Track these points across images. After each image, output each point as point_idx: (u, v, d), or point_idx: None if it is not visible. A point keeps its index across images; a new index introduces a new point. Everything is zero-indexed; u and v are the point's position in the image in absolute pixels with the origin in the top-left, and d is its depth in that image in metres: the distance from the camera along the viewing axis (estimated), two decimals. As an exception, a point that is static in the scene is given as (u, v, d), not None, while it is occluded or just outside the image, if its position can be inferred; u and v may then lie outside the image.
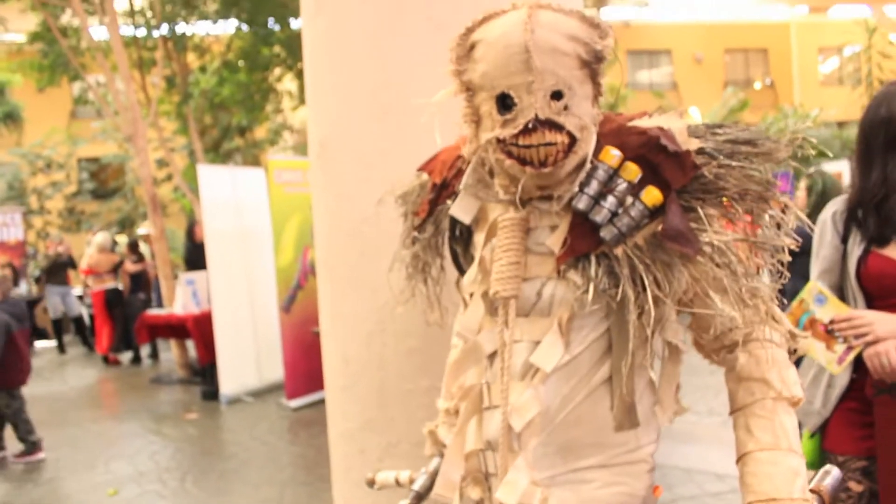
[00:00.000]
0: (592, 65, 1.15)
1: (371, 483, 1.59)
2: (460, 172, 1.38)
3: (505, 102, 1.15)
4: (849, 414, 1.98)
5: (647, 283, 1.12)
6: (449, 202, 1.40)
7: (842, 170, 8.78)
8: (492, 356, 1.28)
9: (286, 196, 6.99)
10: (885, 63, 18.86)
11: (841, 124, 19.48)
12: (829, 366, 1.95)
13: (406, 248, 1.58)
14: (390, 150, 1.93)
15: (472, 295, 1.33)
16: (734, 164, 1.16)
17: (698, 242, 1.12)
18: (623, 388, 1.19)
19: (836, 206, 2.07)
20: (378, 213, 1.82)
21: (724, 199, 1.15)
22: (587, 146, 1.17)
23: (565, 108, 1.13)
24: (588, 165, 1.18)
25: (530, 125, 1.12)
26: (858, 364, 1.92)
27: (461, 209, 1.34)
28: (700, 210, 1.14)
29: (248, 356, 7.64)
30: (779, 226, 1.18)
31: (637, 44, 23.68)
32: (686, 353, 1.27)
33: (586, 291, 1.15)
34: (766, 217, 1.17)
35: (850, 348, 1.91)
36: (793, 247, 1.17)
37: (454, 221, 1.39)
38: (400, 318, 1.89)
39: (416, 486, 1.50)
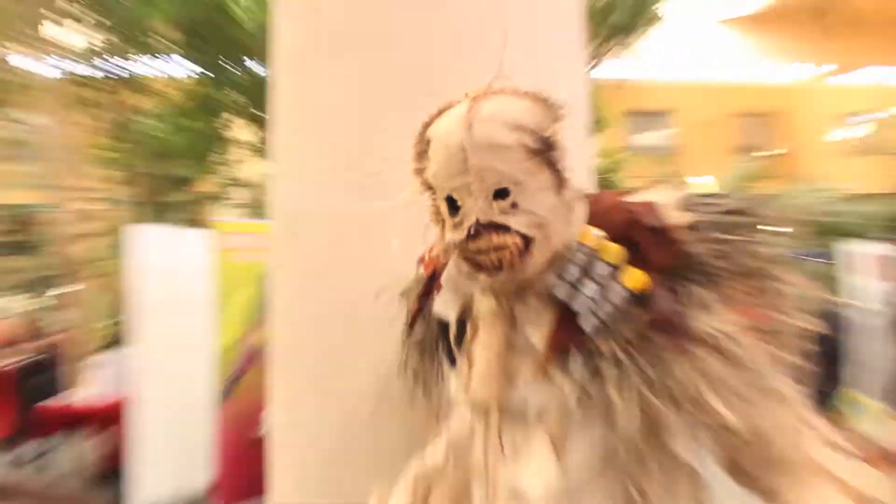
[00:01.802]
0: (545, 152, 1.19)
1: None
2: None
3: (453, 205, 1.22)
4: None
5: (636, 385, 1.13)
6: (436, 294, 1.43)
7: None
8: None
9: (234, 265, 6.92)
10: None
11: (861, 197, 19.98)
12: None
13: (401, 352, 1.60)
14: (372, 228, 1.91)
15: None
16: (732, 238, 1.19)
17: (691, 331, 1.13)
18: None
19: None
20: (354, 303, 1.82)
21: (721, 279, 1.17)
22: (548, 243, 1.20)
23: (513, 205, 1.18)
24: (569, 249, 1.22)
25: (472, 231, 1.18)
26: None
27: (444, 304, 1.38)
28: (694, 294, 1.16)
29: (171, 452, 7.41)
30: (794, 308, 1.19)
31: (638, 104, 24.38)
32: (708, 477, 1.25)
33: (573, 392, 1.17)
34: (777, 299, 1.19)
35: None
36: (816, 331, 1.18)
37: (445, 323, 1.42)
38: (370, 435, 1.84)
39: None
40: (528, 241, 1.18)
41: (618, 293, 1.16)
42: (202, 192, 15.60)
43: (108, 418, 7.48)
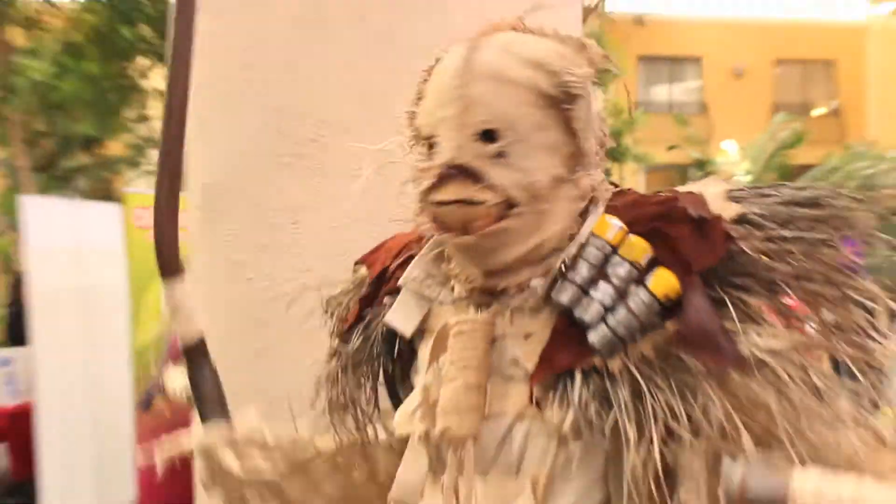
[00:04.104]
0: (561, 104, 1.13)
1: None
2: (409, 260, 1.34)
3: (431, 147, 1.18)
4: None
5: (655, 411, 1.05)
6: (386, 301, 1.36)
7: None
8: None
9: (150, 245, 6.94)
10: None
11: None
12: None
13: (326, 368, 1.47)
14: (306, 205, 1.95)
15: (407, 440, 1.28)
16: (790, 234, 1.11)
17: (735, 350, 1.06)
18: None
19: None
20: (285, 293, 1.76)
21: (776, 286, 1.10)
22: (539, 219, 1.15)
23: (500, 154, 1.12)
24: (577, 242, 1.15)
25: (442, 171, 1.13)
26: None
27: (400, 315, 1.30)
28: (739, 303, 1.09)
29: (84, 467, 7.45)
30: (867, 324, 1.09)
31: (655, 47, 24.21)
32: None
33: (568, 427, 1.10)
34: (843, 311, 1.09)
35: None
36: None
37: (391, 333, 1.34)
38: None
39: None
40: (511, 205, 1.12)
41: (640, 299, 1.08)
42: (111, 155, 15.45)
43: (9, 426, 7.47)
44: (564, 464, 1.13)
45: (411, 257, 1.33)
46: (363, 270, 1.47)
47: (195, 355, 1.52)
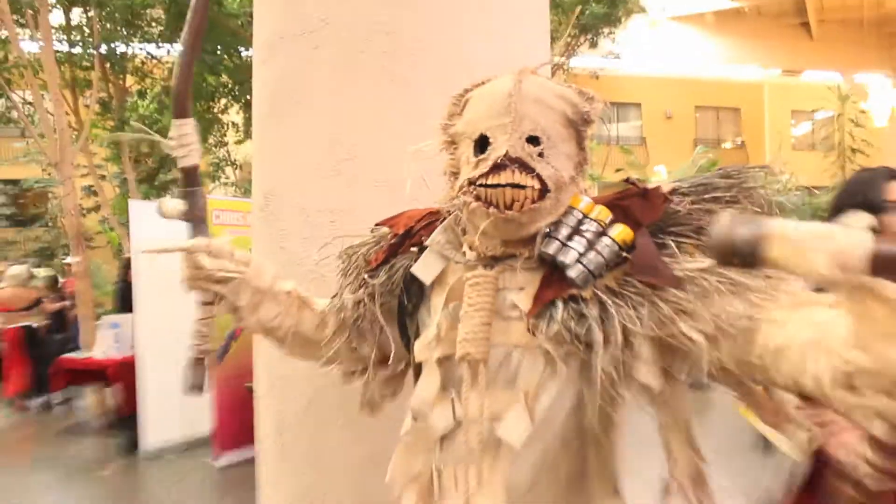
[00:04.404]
0: (578, 126, 1.23)
1: None
2: (430, 225, 1.39)
3: (482, 146, 1.21)
4: (810, 505, 2.03)
5: (616, 320, 1.11)
6: (412, 251, 1.38)
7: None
8: (442, 438, 1.24)
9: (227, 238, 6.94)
10: (857, 131, 19.67)
11: (812, 190, 20.09)
12: (793, 452, 2.01)
13: (347, 295, 1.46)
14: (339, 209, 1.95)
15: (421, 364, 1.29)
16: (708, 196, 1.21)
17: (671, 273, 1.13)
18: (600, 450, 1.20)
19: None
20: (323, 275, 1.81)
21: (700, 230, 1.17)
22: (559, 203, 1.21)
23: (540, 154, 1.18)
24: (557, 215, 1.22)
25: (500, 161, 1.16)
26: (820, 454, 1.98)
27: (424, 267, 1.33)
28: (672, 244, 1.17)
29: (173, 408, 7.45)
30: None
31: (605, 95, 24.23)
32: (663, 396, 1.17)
33: (556, 343, 1.14)
34: None
35: (813, 437, 1.97)
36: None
37: (409, 281, 1.36)
38: (339, 386, 1.90)
39: None
40: (543, 192, 1.18)
41: (605, 245, 1.17)
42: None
43: (118, 373, 7.48)
44: (545, 372, 1.18)
45: (433, 222, 1.38)
46: (385, 230, 1.49)
47: (192, 178, 1.49)
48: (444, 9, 2.02)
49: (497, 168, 1.17)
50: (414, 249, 1.38)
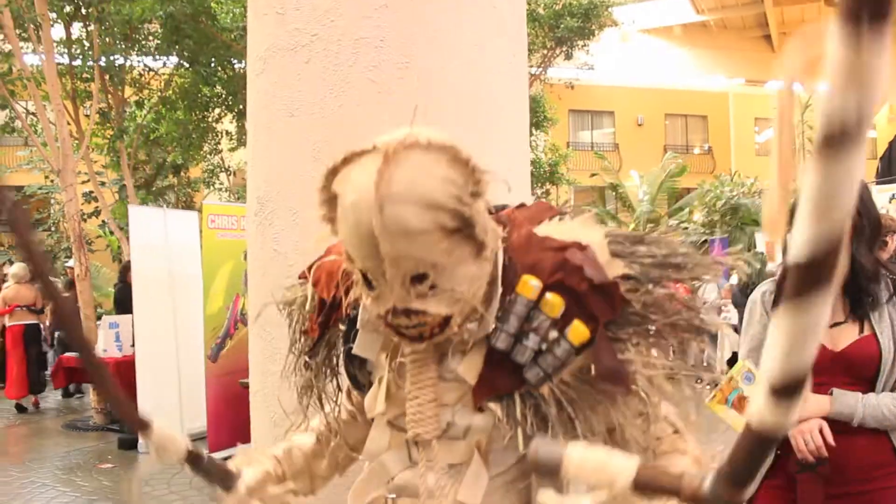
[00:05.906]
0: (467, 222, 0.98)
1: None
2: (349, 289, 1.19)
3: (368, 281, 1.04)
4: (773, 491, 2.06)
5: (577, 423, 1.06)
6: (341, 326, 1.24)
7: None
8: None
9: (219, 242, 6.92)
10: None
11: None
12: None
13: (298, 370, 1.35)
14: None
15: (373, 419, 1.23)
16: (662, 291, 1.08)
17: (631, 380, 1.05)
18: None
19: (766, 287, 2.19)
20: None
21: (652, 328, 1.08)
22: (467, 308, 1.05)
23: (431, 287, 1.01)
24: (500, 297, 1.08)
25: (389, 315, 1.03)
26: (783, 442, 2.01)
27: (365, 346, 1.20)
28: (629, 343, 1.07)
29: (170, 405, 7.43)
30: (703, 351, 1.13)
31: (581, 104, 24.37)
32: None
33: (512, 430, 1.07)
34: (693, 346, 1.10)
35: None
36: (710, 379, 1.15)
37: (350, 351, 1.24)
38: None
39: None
40: (447, 319, 1.03)
41: (562, 349, 1.04)
42: (192, 177, 15.44)
43: (120, 370, 7.46)
44: (494, 436, 1.12)
45: (350, 287, 1.18)
46: (310, 288, 1.31)
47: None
48: (427, 25, 2.03)
49: (391, 318, 1.03)
50: (341, 325, 1.24)
